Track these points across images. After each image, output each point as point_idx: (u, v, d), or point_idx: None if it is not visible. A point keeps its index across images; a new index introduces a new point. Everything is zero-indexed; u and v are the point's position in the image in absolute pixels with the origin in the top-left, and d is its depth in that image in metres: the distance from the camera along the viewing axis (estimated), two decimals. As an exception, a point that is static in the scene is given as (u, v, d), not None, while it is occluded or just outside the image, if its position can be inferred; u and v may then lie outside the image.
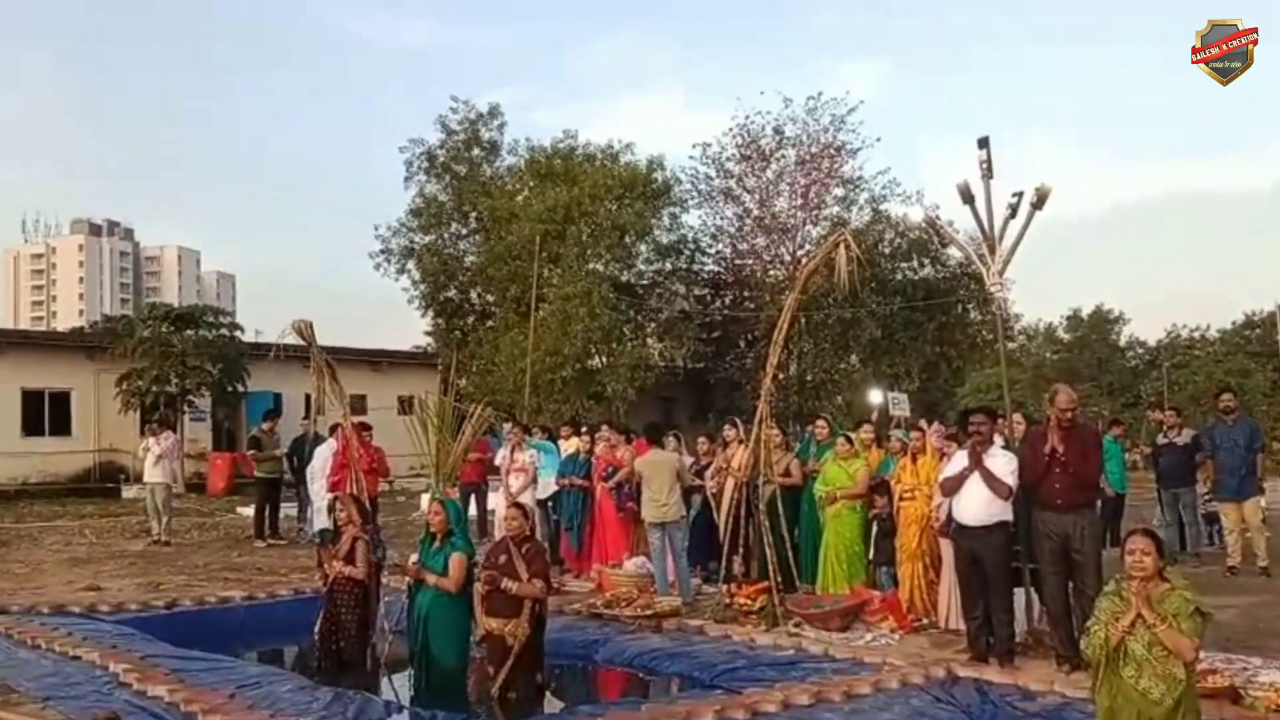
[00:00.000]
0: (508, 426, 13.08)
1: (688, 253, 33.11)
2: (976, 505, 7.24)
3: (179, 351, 25.09)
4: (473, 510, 13.61)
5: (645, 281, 32.73)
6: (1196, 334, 50.34)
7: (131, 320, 28.57)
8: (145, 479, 15.07)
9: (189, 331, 26.12)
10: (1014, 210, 8.03)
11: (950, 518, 7.58)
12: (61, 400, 26.57)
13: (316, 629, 7.94)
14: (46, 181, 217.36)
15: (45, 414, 26.33)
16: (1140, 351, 51.18)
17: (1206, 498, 11.79)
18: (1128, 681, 5.01)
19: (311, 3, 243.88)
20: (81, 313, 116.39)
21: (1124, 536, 5.35)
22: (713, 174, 31.61)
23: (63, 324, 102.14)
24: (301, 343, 8.76)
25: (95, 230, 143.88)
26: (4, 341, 27.45)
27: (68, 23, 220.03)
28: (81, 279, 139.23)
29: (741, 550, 9.21)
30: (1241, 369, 40.77)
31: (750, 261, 31.90)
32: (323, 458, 11.95)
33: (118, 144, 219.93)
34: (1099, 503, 7.79)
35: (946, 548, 8.14)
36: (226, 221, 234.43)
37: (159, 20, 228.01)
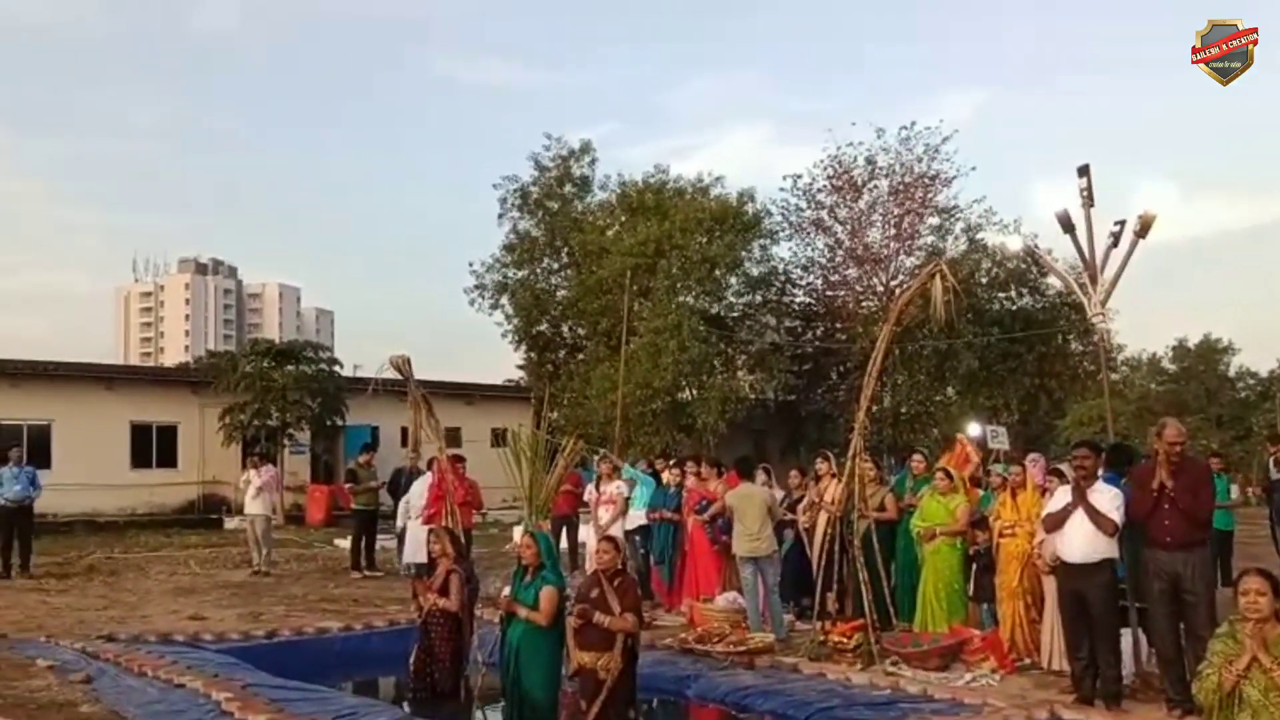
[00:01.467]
0: (597, 459, 13.13)
1: (778, 285, 33.01)
2: (1081, 542, 7.04)
3: (280, 386, 25.79)
4: (563, 543, 13.66)
5: (735, 314, 32.70)
6: (1312, 365, 48.13)
7: (234, 356, 29.46)
8: (246, 511, 15.51)
9: (289, 366, 26.81)
10: (1116, 239, 7.86)
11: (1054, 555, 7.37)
12: (168, 434, 27.48)
13: (411, 660, 8.03)
14: (155, 224, 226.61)
15: (153, 447, 27.23)
16: (1251, 382, 49.15)
17: None
18: (1243, 728, 4.82)
19: (410, 47, 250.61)
20: (187, 348, 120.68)
21: (1237, 576, 5.15)
22: (804, 205, 31.54)
23: (169, 360, 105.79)
24: (399, 377, 8.91)
25: (201, 269, 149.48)
26: (114, 377, 28.54)
27: (172, 74, 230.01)
28: (187, 316, 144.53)
29: (836, 587, 9.07)
30: (1360, 399, 38.97)
31: (842, 293, 31.65)
32: (419, 490, 12.15)
33: (222, 186, 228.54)
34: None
35: (1049, 585, 7.91)
36: (325, 259, 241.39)
37: (256, 68, 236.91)
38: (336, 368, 28.29)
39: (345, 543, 17.11)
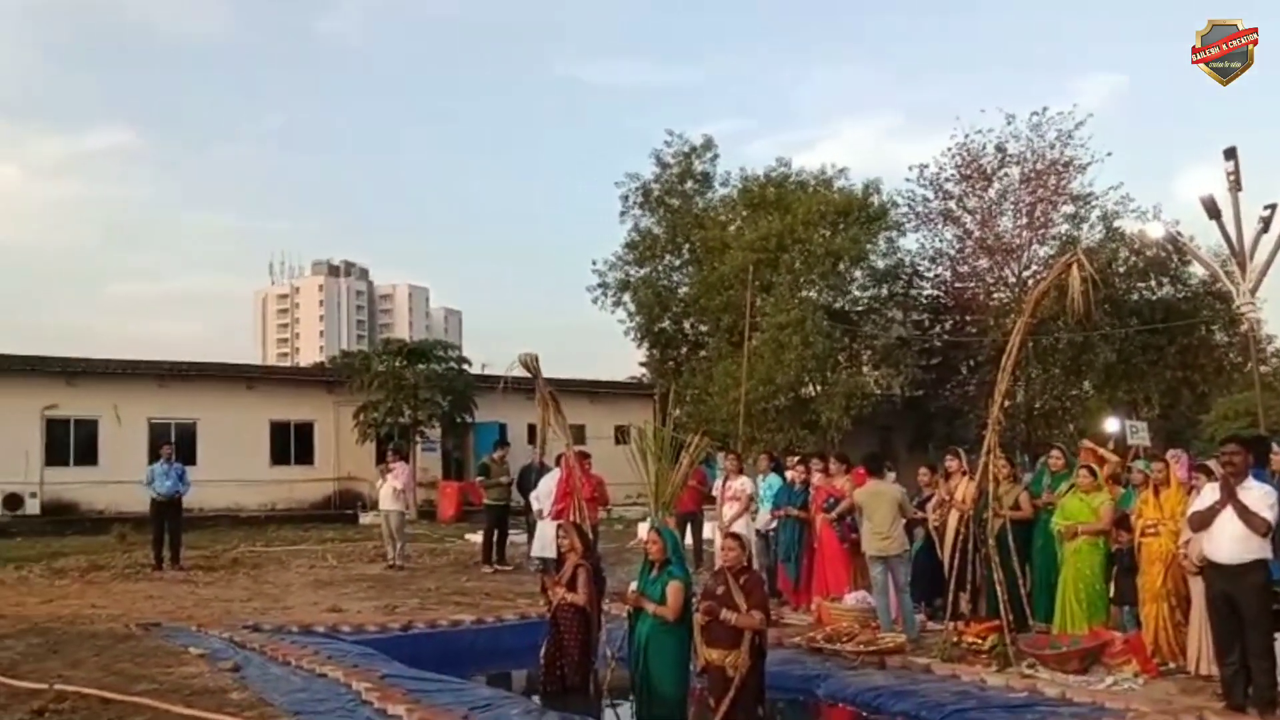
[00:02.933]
0: (721, 455, 13.11)
1: (905, 277, 32.42)
2: (1230, 542, 6.73)
3: (411, 384, 26.51)
4: (687, 539, 13.68)
5: (860, 308, 32.24)
6: None
7: (367, 355, 30.36)
8: (380, 506, 15.98)
9: (420, 365, 27.54)
10: (1266, 224, 7.49)
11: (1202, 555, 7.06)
12: (305, 431, 28.61)
13: (541, 654, 8.14)
14: (290, 227, 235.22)
15: (291, 444, 28.41)
16: None
17: None
18: None
19: (535, 47, 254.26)
20: (321, 349, 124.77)
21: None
22: (930, 196, 30.90)
23: (305, 360, 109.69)
24: (526, 375, 9.05)
25: (334, 271, 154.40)
26: (254, 377, 29.91)
27: (304, 79, 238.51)
28: (321, 317, 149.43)
29: (969, 587, 8.86)
30: None
31: (972, 284, 30.90)
32: (547, 486, 12.33)
33: (353, 189, 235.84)
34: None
35: (1195, 586, 7.58)
36: (453, 260, 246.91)
37: (387, 72, 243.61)
38: (465, 366, 28.92)
39: (475, 537, 17.47)
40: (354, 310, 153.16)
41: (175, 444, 18.54)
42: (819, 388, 29.39)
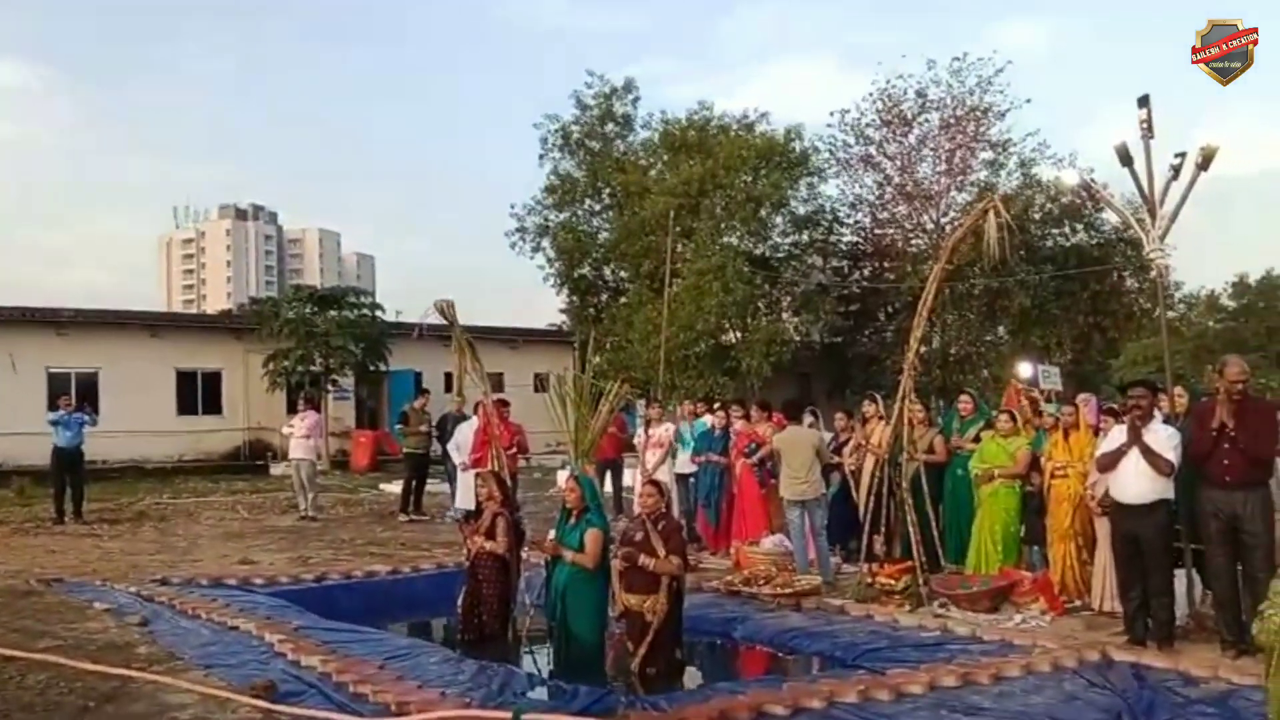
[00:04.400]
0: (642, 403, 13.10)
1: (825, 224, 32.51)
2: (1136, 483, 6.92)
3: (322, 332, 25.94)
4: (608, 486, 13.69)
5: (781, 254, 32.28)
6: (1379, 299, 46.48)
7: (277, 302, 29.57)
8: (290, 456, 15.66)
9: (332, 312, 26.89)
10: (1176, 172, 7.58)
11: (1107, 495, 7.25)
12: (213, 380, 27.80)
13: (459, 603, 8.13)
14: (197, 171, 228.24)
15: (198, 394, 27.56)
16: None
17: None
18: (1303, 670, 4.70)
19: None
20: (229, 295, 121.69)
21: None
22: (851, 141, 30.94)
23: (212, 307, 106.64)
24: (442, 322, 8.88)
25: (241, 215, 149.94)
26: (159, 324, 28.81)
27: (210, 22, 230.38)
28: (229, 262, 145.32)
29: (883, 529, 8.99)
30: None
31: (891, 231, 31.13)
32: (465, 435, 12.19)
33: (261, 131, 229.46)
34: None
35: (1101, 526, 7.79)
36: (365, 204, 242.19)
37: (298, 11, 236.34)
38: (379, 313, 28.37)
39: (391, 487, 17.30)
40: (263, 255, 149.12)
41: (76, 394, 17.92)
42: (739, 334, 29.50)
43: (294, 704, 5.88)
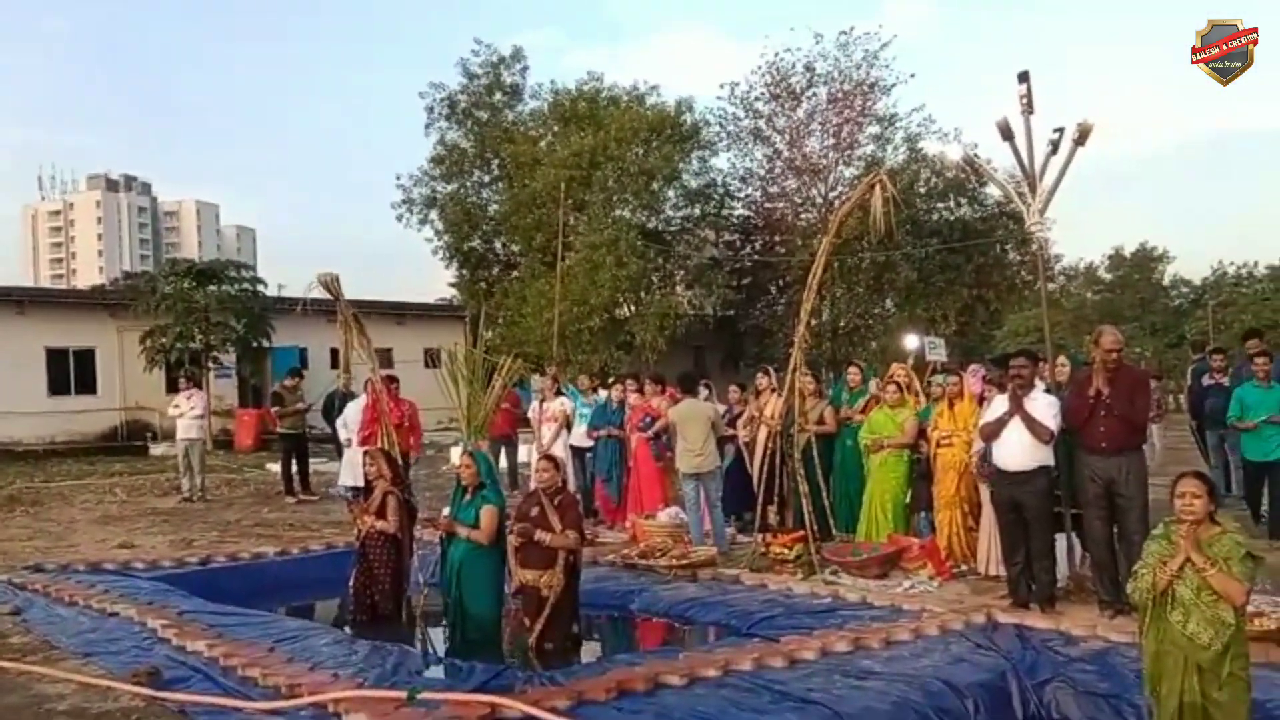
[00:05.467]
0: (537, 378, 13.00)
1: (717, 197, 32.73)
2: (1017, 450, 7.11)
3: (202, 307, 25.10)
4: (503, 462, 13.58)
5: (674, 228, 32.43)
6: (1243, 271, 48.61)
7: (153, 276, 28.58)
8: (180, 436, 15.10)
9: (211, 287, 26.02)
10: (1055, 147, 7.78)
11: (989, 462, 7.44)
12: (85, 359, 26.61)
13: (350, 583, 7.99)
14: (63, 138, 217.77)
15: (70, 373, 26.37)
16: (1185, 291, 49.59)
17: None
18: (1175, 626, 4.92)
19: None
20: (101, 270, 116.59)
21: (1174, 479, 5.21)
22: (741, 114, 31.13)
23: (83, 281, 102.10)
24: (327, 296, 8.67)
25: (113, 186, 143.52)
26: (26, 300, 27.43)
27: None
28: (100, 235, 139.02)
29: (776, 499, 9.10)
30: (1291, 306, 39.73)
31: (781, 205, 31.49)
32: (354, 413, 11.92)
33: (132, 98, 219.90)
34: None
35: (985, 493, 8.00)
36: (245, 175, 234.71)
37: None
38: (261, 287, 27.58)
39: (276, 467, 16.86)
40: (136, 228, 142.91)
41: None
42: (633, 308, 29.55)
43: (179, 690, 5.73)
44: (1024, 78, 7.89)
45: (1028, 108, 7.89)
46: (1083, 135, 7.66)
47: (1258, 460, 9.71)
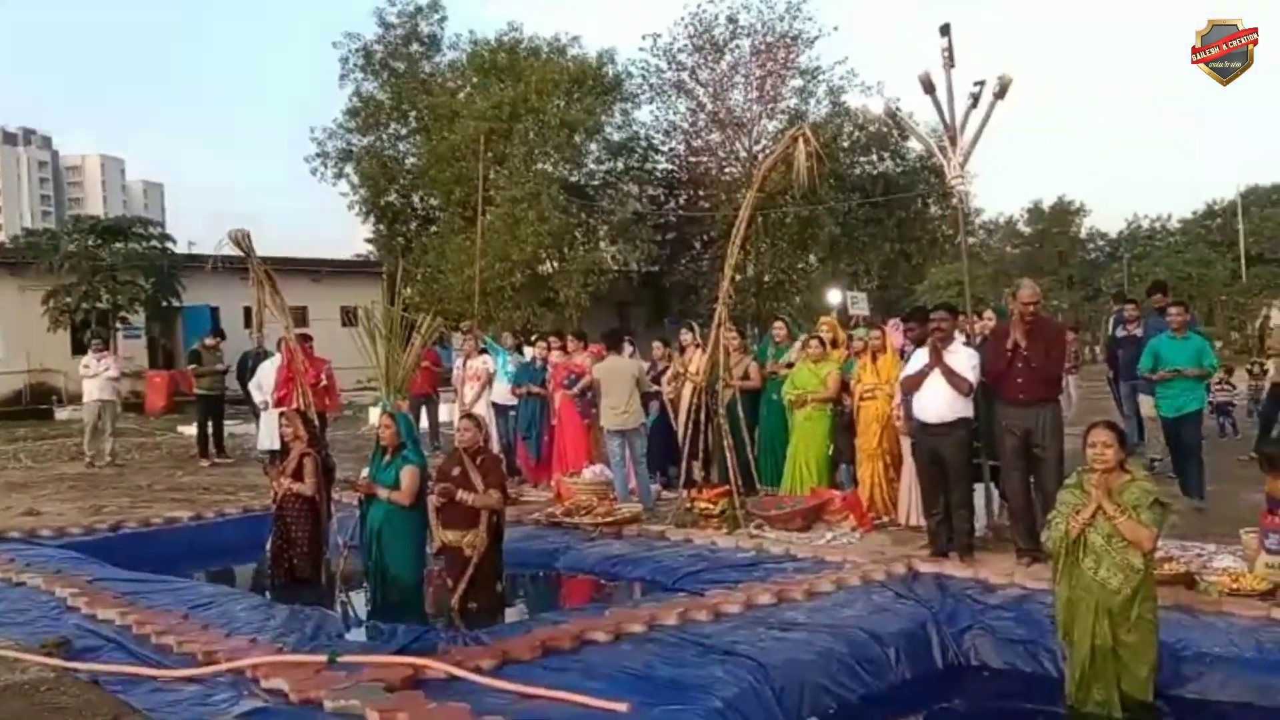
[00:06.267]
0: (457, 336, 12.81)
1: (640, 151, 32.52)
2: (937, 402, 7.17)
3: (108, 266, 24.26)
4: (424, 422, 13.40)
5: (596, 182, 32.16)
6: (1158, 224, 49.86)
7: (56, 234, 27.49)
8: (93, 397, 14.58)
9: (118, 244, 25.17)
10: (975, 100, 7.80)
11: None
12: (-15, 320, 25.67)
13: (268, 547, 7.86)
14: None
15: (-33, 335, 25.41)
16: (1101, 243, 50.59)
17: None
18: (1086, 572, 5.04)
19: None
20: (0, 227, 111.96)
21: (1086, 429, 5.30)
22: (664, 67, 30.89)
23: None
24: (238, 253, 8.42)
25: (10, 139, 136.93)
26: (-80, 259, 26.36)
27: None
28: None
29: (701, 455, 9.11)
30: (1202, 259, 40.61)
31: (705, 159, 31.41)
32: (267, 373, 11.62)
33: (30, 48, 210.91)
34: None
35: (907, 446, 8.09)
36: (150, 128, 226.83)
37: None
38: (170, 245, 26.78)
39: (189, 429, 16.46)
40: (37, 184, 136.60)
41: None
42: (556, 264, 29.30)
43: (91, 660, 5.56)
44: (945, 31, 7.89)
45: (949, 61, 7.90)
46: (1003, 89, 7.71)
47: (1169, 416, 9.08)
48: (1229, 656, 5.23)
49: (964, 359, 7.19)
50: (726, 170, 30.90)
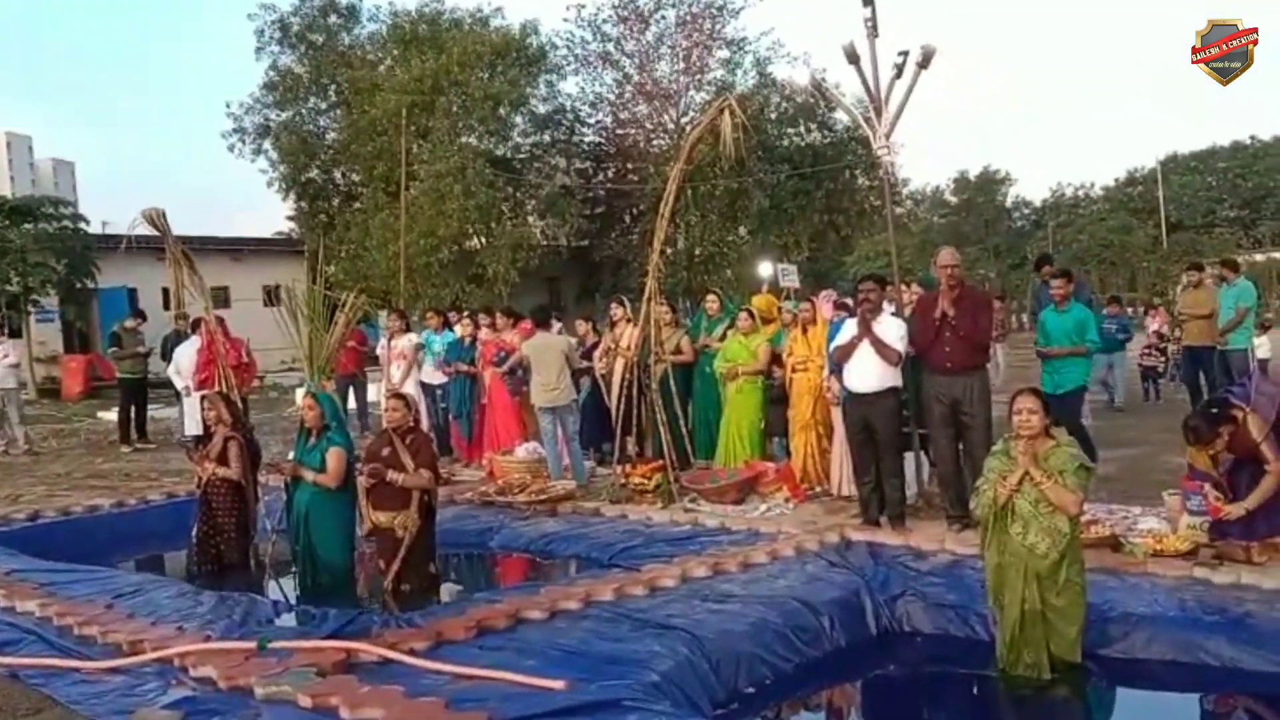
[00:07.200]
0: (385, 314, 12.59)
1: (567, 124, 32.19)
2: (867, 372, 7.23)
3: (17, 247, 23.32)
4: (352, 403, 13.19)
5: (523, 155, 31.77)
6: (1081, 193, 50.85)
7: (-42, 215, 26.45)
8: (-6, 386, 14.04)
9: (27, 225, 24.20)
10: (899, 70, 7.83)
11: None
12: (-119, 304, 24.56)
13: (194, 533, 7.72)
14: None
15: None
16: (1026, 212, 51.35)
17: None
18: (1015, 538, 5.13)
19: None
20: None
21: (1011, 396, 5.38)
22: (589, 38, 30.59)
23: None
24: (154, 233, 8.18)
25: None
26: None
27: None
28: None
29: (634, 430, 9.09)
30: (1124, 226, 41.55)
31: (633, 131, 31.19)
32: (186, 356, 11.31)
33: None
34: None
35: (838, 416, 8.14)
36: (60, 104, 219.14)
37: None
38: (83, 225, 25.88)
39: (109, 415, 16.01)
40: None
41: None
42: (484, 240, 28.95)
43: (10, 654, 5.45)
44: (868, 1, 7.89)
45: (873, 31, 7.90)
46: (926, 59, 7.73)
47: (1050, 392, 7.65)
48: (1153, 616, 5.37)
49: (892, 329, 7.25)
50: (655, 143, 30.74)
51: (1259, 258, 34.64)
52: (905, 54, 7.80)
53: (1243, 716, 5.22)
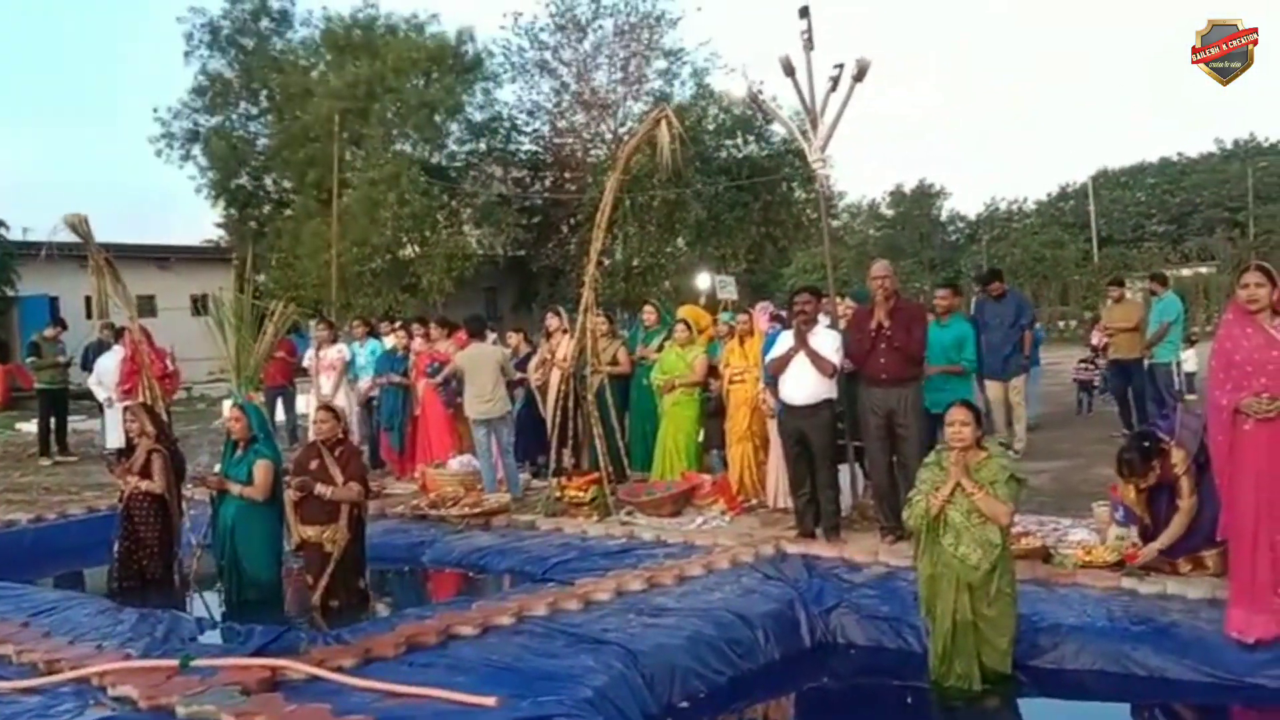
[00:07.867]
0: (314, 324, 12.35)
1: (503, 132, 32.07)
2: (803, 384, 7.24)
3: (-70, 255, 22.74)
4: (280, 414, 12.94)
5: (459, 163, 31.59)
6: (1014, 206, 51.44)
7: None
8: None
9: (-60, 231, 23.64)
10: (835, 83, 7.88)
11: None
12: None
13: (115, 548, 7.49)
14: None
15: None
16: (961, 225, 51.86)
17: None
18: (947, 549, 5.16)
19: None
20: None
21: (944, 408, 5.42)
22: (526, 46, 30.51)
23: None
24: (76, 239, 7.95)
25: None
26: None
27: None
28: None
29: (570, 442, 9.02)
30: (1055, 240, 42.21)
31: (570, 140, 31.18)
32: (108, 366, 11.00)
33: None
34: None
35: (774, 428, 8.16)
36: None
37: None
38: (2, 231, 25.25)
39: (29, 426, 15.54)
40: None
41: None
42: (418, 248, 28.67)
43: (-81, 675, 5.20)
44: (804, 13, 7.93)
45: (808, 44, 7.95)
46: (861, 72, 7.79)
47: (931, 411, 7.21)
48: (1082, 626, 5.43)
49: (828, 341, 7.28)
50: (592, 152, 30.74)
51: (1185, 272, 35.45)
52: (841, 67, 7.86)
53: (1168, 724, 5.30)
